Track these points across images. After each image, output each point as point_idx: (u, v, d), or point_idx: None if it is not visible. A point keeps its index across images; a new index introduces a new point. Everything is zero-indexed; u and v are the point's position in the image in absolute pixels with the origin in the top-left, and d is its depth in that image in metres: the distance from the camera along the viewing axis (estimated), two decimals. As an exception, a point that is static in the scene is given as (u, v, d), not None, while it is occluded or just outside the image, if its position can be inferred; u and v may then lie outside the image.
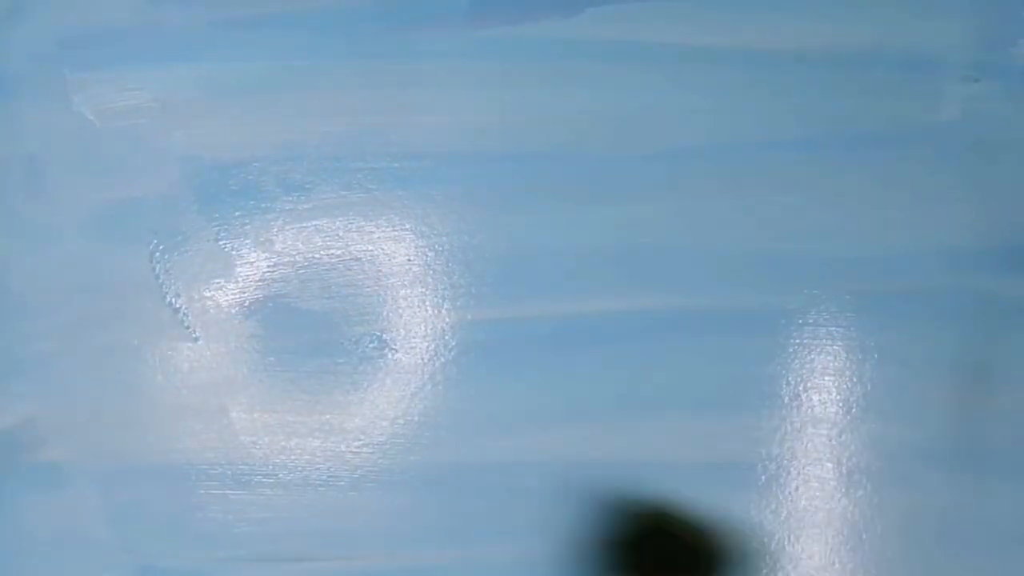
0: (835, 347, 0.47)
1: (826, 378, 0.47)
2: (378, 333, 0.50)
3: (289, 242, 0.51)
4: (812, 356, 0.47)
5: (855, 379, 0.47)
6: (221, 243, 0.51)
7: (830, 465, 0.47)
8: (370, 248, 0.50)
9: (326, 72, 0.51)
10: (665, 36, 0.49)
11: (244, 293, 0.51)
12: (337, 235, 0.51)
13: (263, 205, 0.51)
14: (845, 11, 0.48)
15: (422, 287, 0.50)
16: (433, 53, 0.50)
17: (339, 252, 0.50)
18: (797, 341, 0.48)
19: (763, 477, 0.47)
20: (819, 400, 0.47)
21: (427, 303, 0.50)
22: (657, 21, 0.49)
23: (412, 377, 0.50)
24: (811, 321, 0.48)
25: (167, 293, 0.51)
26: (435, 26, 0.50)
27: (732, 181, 0.48)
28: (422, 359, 0.50)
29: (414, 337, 0.50)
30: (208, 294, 0.51)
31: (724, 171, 0.48)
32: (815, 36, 0.48)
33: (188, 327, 0.51)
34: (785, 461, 0.47)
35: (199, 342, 0.51)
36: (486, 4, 0.50)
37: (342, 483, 0.49)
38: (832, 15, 0.48)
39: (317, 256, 0.51)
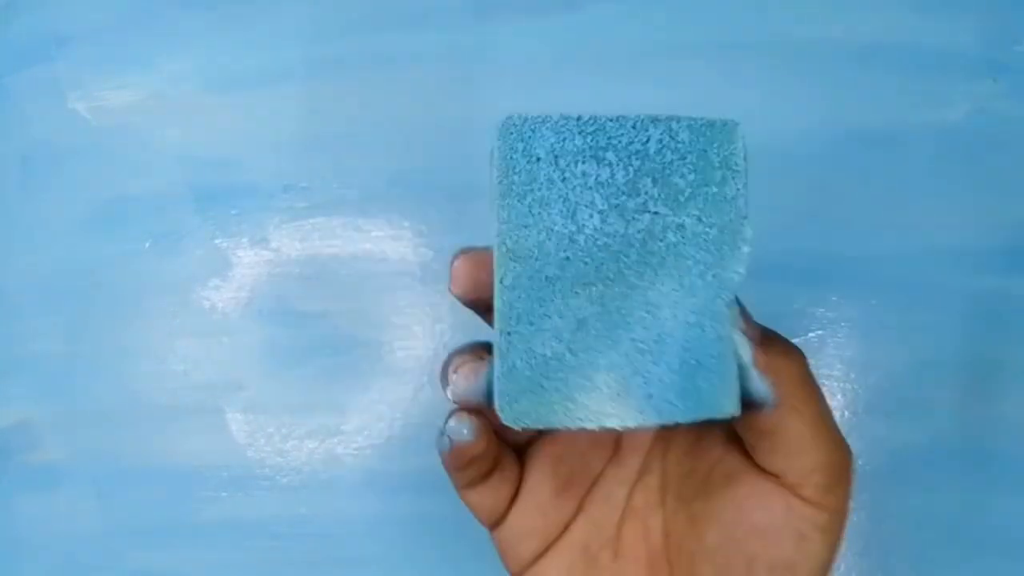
0: (839, 348, 0.47)
1: (831, 379, 0.47)
2: (376, 333, 0.49)
3: (286, 241, 0.50)
4: (816, 357, 0.47)
5: (860, 380, 0.47)
6: (217, 242, 0.51)
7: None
8: (368, 247, 0.50)
9: (323, 69, 0.50)
10: (662, 34, 0.48)
11: (240, 293, 0.51)
12: (335, 234, 0.50)
13: (260, 203, 0.51)
14: (850, 8, 0.48)
15: (421, 286, 0.49)
16: (433, 51, 0.50)
17: (337, 251, 0.50)
18: (800, 342, 0.47)
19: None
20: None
21: (426, 303, 0.49)
22: (655, 17, 0.48)
23: (411, 378, 0.49)
24: (815, 322, 0.47)
25: (162, 293, 0.51)
26: (435, 24, 0.50)
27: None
28: (421, 359, 0.49)
29: (413, 337, 0.49)
30: (204, 294, 0.51)
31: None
32: (818, 33, 0.48)
33: (184, 327, 0.51)
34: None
35: (195, 342, 0.50)
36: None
37: (340, 486, 0.49)
38: (836, 12, 0.48)
39: (314, 255, 0.50)
